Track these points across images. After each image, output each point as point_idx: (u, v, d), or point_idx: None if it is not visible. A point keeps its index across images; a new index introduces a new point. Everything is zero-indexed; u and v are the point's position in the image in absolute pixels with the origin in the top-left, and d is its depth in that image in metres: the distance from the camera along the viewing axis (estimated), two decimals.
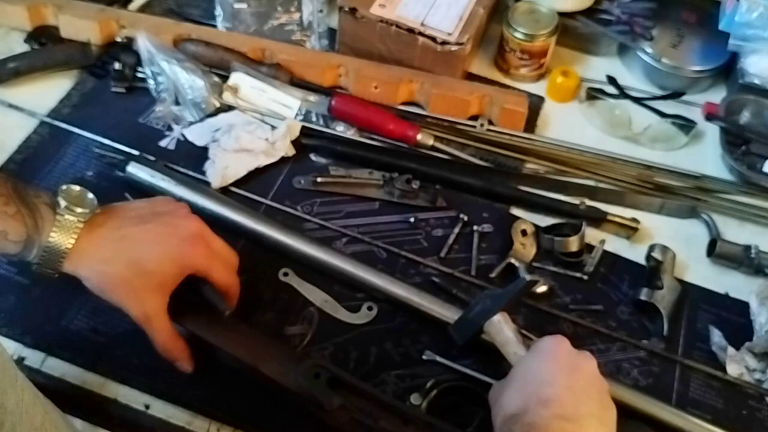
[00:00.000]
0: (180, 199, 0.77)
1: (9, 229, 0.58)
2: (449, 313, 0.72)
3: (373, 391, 0.62)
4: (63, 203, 0.60)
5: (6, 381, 0.49)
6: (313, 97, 0.90)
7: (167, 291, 0.62)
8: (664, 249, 0.80)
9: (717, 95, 0.98)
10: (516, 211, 0.85)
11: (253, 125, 0.86)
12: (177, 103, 0.88)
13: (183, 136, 0.86)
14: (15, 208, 0.58)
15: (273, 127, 0.86)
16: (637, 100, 0.99)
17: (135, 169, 0.79)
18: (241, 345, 0.64)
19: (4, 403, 0.48)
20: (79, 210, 0.60)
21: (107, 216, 0.63)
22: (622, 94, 0.99)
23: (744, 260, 0.81)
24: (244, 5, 0.94)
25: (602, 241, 0.82)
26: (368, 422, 0.60)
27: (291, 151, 0.85)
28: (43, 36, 0.93)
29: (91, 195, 0.63)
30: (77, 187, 0.62)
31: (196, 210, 0.77)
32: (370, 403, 0.61)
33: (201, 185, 0.80)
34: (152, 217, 0.64)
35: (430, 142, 0.88)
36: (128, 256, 0.61)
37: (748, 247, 0.82)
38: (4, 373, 0.49)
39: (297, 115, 0.89)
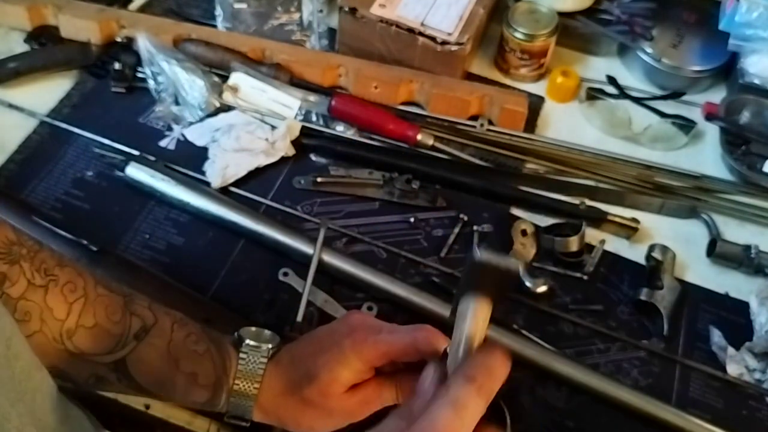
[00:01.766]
0: (180, 200, 0.78)
1: (199, 370, 0.55)
2: (449, 313, 0.72)
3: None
4: (246, 338, 0.57)
5: None
6: (313, 97, 0.90)
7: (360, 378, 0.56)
8: (664, 249, 0.80)
9: (717, 95, 0.98)
10: (516, 211, 0.85)
11: (253, 125, 0.86)
12: (177, 103, 0.88)
13: (183, 136, 0.86)
14: (205, 346, 0.56)
15: (273, 127, 0.86)
16: (637, 100, 0.99)
17: (135, 169, 0.79)
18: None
19: None
20: (262, 346, 0.56)
21: (286, 349, 0.58)
22: (622, 94, 0.99)
23: (744, 260, 0.81)
24: (244, 5, 0.94)
25: (602, 241, 0.82)
26: None
27: (291, 151, 0.85)
28: (43, 36, 0.93)
29: (269, 332, 0.59)
30: (254, 328, 0.59)
31: (196, 210, 0.78)
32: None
33: (201, 185, 0.80)
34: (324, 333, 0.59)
35: (430, 142, 0.88)
36: (300, 372, 0.56)
37: (748, 247, 0.81)
38: None
39: (297, 115, 0.89)
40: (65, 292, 0.50)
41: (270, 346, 0.57)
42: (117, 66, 0.90)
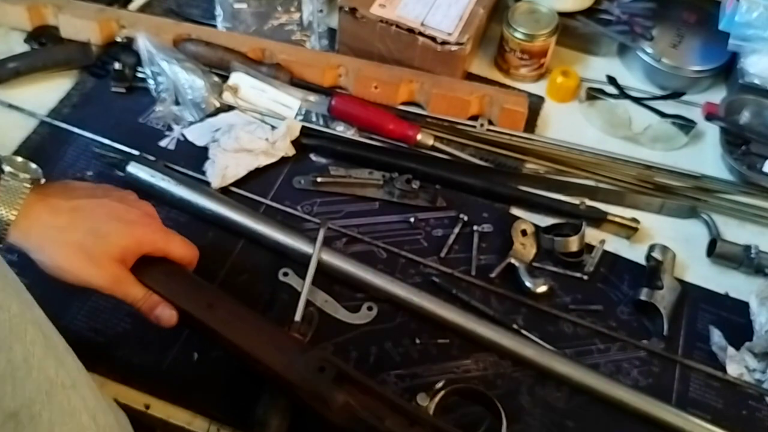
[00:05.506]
0: (180, 199, 0.78)
1: None
2: (449, 314, 0.72)
3: (380, 389, 0.60)
4: (7, 168, 0.58)
5: (12, 336, 0.47)
6: (313, 97, 0.90)
7: (127, 266, 0.62)
8: (664, 249, 0.80)
9: (717, 95, 0.98)
10: (516, 211, 0.85)
11: (253, 125, 0.86)
12: (177, 103, 0.88)
13: (183, 136, 0.86)
14: None
15: (273, 127, 0.86)
16: (637, 100, 0.99)
17: (135, 169, 0.79)
18: (239, 330, 0.62)
19: (11, 358, 0.46)
20: (23, 176, 0.58)
21: (55, 188, 0.62)
22: (622, 94, 0.99)
23: (744, 260, 0.81)
24: (244, 5, 0.94)
25: (602, 241, 0.82)
26: (373, 422, 0.58)
27: (291, 151, 0.85)
28: (43, 36, 0.93)
29: (35, 165, 0.61)
30: (20, 158, 0.60)
31: (196, 210, 0.78)
32: (375, 402, 0.59)
33: (201, 185, 0.80)
34: (103, 194, 0.64)
35: (430, 142, 0.88)
36: (85, 226, 0.60)
37: (748, 247, 0.82)
38: (11, 329, 0.47)
39: (297, 115, 0.89)
40: None
41: (29, 176, 0.59)
42: (117, 66, 0.90)
